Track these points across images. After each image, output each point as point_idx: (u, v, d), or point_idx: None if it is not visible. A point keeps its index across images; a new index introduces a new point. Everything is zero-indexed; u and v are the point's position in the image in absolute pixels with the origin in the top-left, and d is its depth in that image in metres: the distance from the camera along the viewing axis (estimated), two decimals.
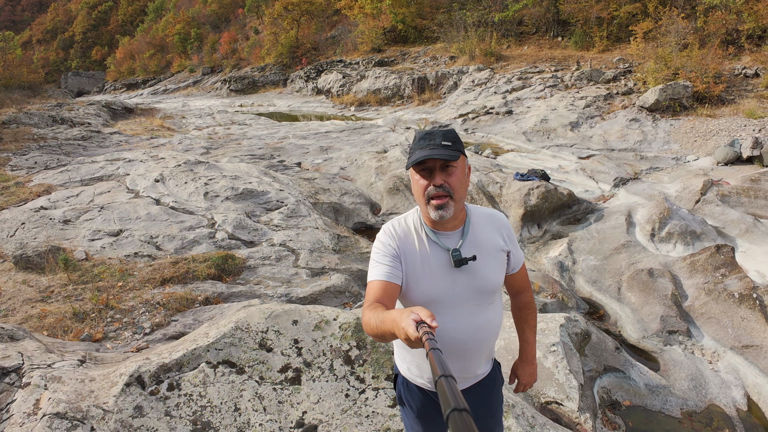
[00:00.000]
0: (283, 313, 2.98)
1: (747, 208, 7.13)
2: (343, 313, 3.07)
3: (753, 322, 4.68)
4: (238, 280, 5.49)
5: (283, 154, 11.90)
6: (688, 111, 11.84)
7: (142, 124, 15.83)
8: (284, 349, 2.75)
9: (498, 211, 1.71)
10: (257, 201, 7.33)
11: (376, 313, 1.29)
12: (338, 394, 2.58)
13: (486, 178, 8.99)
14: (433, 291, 1.54)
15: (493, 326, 1.65)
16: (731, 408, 4.19)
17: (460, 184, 1.49)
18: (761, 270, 5.90)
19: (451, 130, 1.50)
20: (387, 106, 20.69)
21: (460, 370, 1.64)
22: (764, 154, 8.49)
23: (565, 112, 14.26)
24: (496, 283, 1.61)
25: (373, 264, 1.55)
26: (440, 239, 1.56)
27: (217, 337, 2.68)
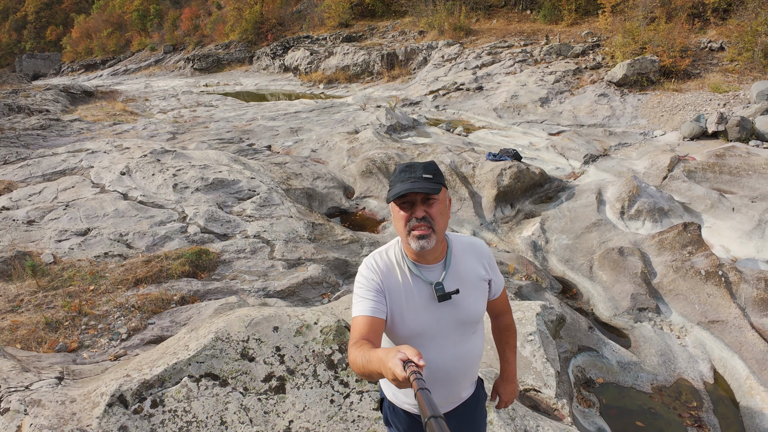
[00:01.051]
0: (263, 320, 2.95)
1: (712, 184, 7.36)
2: (323, 317, 3.06)
3: (718, 299, 4.89)
4: (213, 275, 5.40)
5: (252, 137, 11.64)
6: (655, 85, 12.06)
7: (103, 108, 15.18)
8: (266, 357, 2.73)
9: (478, 240, 1.71)
10: (228, 191, 7.18)
11: (362, 352, 1.28)
12: (323, 400, 2.59)
13: (459, 159, 9.01)
14: (418, 325, 1.54)
15: (477, 353, 1.68)
16: (698, 381, 4.41)
17: (441, 216, 1.49)
18: (725, 245, 6.15)
19: (431, 163, 1.49)
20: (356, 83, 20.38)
21: (446, 396, 1.67)
22: (729, 129, 8.74)
23: (534, 88, 14.33)
24: (479, 313, 1.62)
25: (357, 299, 1.53)
26: (423, 273, 1.55)
27: (197, 350, 2.64)
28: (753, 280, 4.89)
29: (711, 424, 3.94)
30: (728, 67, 11.82)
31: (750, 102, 9.82)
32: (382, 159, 9.12)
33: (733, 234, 6.30)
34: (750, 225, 6.30)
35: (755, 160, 7.58)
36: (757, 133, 8.60)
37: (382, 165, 9.04)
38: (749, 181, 7.23)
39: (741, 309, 4.73)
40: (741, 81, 10.89)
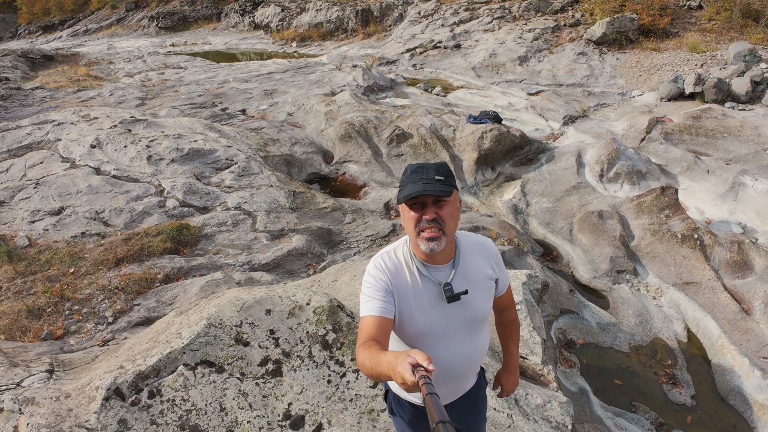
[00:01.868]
0: (255, 303, 2.94)
1: (688, 146, 7.49)
2: (315, 297, 3.06)
3: (693, 261, 5.07)
4: (196, 251, 5.33)
5: (225, 101, 11.26)
6: (634, 44, 12.01)
7: (65, 74, 14.35)
8: (261, 341, 2.74)
9: (487, 239, 1.71)
10: (205, 161, 6.99)
11: (371, 354, 1.28)
12: (320, 381, 2.62)
13: (439, 122, 8.93)
14: (427, 325, 1.55)
15: (482, 350, 1.71)
16: (673, 340, 4.63)
17: (451, 218, 1.48)
18: (700, 206, 6.33)
19: (443, 164, 1.48)
20: (330, 41, 19.74)
21: (452, 390, 1.72)
22: (706, 90, 8.82)
23: (513, 46, 14.13)
24: (486, 312, 1.63)
25: (365, 299, 1.52)
26: (431, 273, 1.55)
27: (191, 338, 2.62)
28: (726, 243, 5.07)
29: (684, 381, 4.17)
30: (706, 26, 11.82)
31: (727, 63, 9.90)
32: (360, 122, 8.97)
33: (708, 196, 6.48)
34: (724, 187, 6.48)
35: (731, 123, 7.72)
36: (733, 95, 8.72)
37: (361, 128, 8.90)
38: (724, 144, 7.38)
39: (715, 271, 4.92)
40: (719, 41, 10.93)
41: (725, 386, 4.06)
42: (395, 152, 8.53)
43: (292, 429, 2.40)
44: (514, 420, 2.64)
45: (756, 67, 9.04)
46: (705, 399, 4.04)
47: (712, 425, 3.81)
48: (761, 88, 8.65)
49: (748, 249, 5.00)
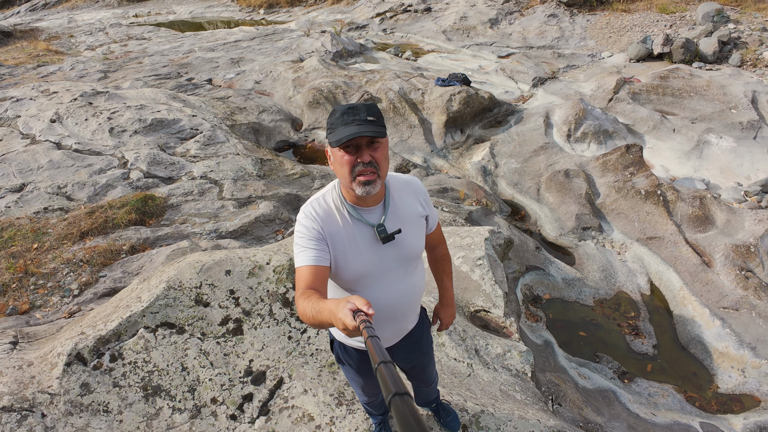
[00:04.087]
0: (214, 264, 2.91)
1: (655, 105, 7.57)
2: (275, 256, 3.05)
3: (657, 216, 5.19)
4: (162, 221, 5.24)
5: (191, 71, 10.92)
6: (605, 6, 11.96)
7: (25, 49, 13.66)
8: (221, 301, 2.73)
9: (413, 177, 1.72)
10: (170, 131, 6.80)
11: (311, 303, 1.29)
12: (281, 337, 2.64)
13: (407, 85, 8.83)
14: (363, 267, 1.54)
15: (419, 287, 1.73)
16: (636, 294, 4.77)
17: (385, 160, 1.46)
18: (665, 164, 6.44)
19: (373, 105, 1.43)
20: (299, 7, 19.17)
21: (394, 331, 1.74)
22: (674, 50, 8.86)
23: (484, 8, 13.94)
24: (419, 249, 1.65)
25: (299, 249, 1.51)
26: (363, 215, 1.54)
27: (150, 301, 2.59)
28: (689, 199, 5.20)
29: (647, 332, 4.32)
30: None
31: (695, 24, 9.94)
32: (329, 88, 8.83)
33: (673, 154, 6.60)
34: (689, 145, 6.60)
35: (697, 82, 7.80)
36: (701, 55, 8.79)
37: (329, 95, 8.77)
38: (690, 103, 7.48)
39: (677, 226, 5.05)
40: (688, 2, 10.95)
41: (686, 336, 4.22)
42: None
43: (253, 384, 2.42)
44: (474, 369, 2.71)
45: (723, 27, 9.11)
46: (666, 348, 4.20)
47: (673, 372, 3.97)
48: (728, 48, 8.74)
49: (709, 204, 5.13)
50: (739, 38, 8.73)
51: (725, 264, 4.60)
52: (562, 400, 3.04)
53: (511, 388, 2.61)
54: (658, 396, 3.72)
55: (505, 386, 2.60)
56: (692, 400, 3.74)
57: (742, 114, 7.02)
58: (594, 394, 3.58)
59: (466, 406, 2.21)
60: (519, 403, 2.45)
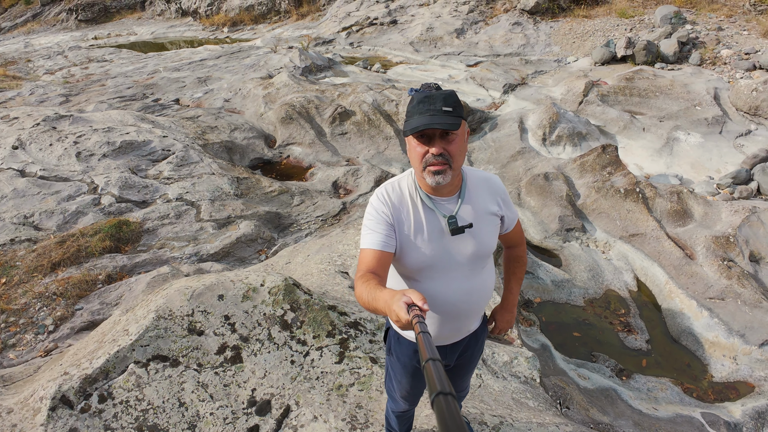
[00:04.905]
0: (205, 289, 2.77)
1: (624, 106, 7.76)
2: (269, 277, 2.93)
3: (637, 213, 5.27)
4: (138, 247, 5.02)
5: (157, 92, 10.65)
6: (566, 12, 12.29)
7: None
8: (216, 328, 2.59)
9: (494, 175, 1.65)
10: (140, 153, 6.58)
11: (368, 288, 1.29)
12: (283, 362, 2.51)
13: (381, 97, 8.84)
14: (428, 257, 1.50)
15: (487, 288, 1.65)
16: (624, 291, 4.81)
17: (459, 152, 1.42)
18: (639, 163, 6.58)
19: (451, 94, 1.38)
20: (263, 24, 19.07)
21: (453, 330, 1.65)
22: (636, 53, 9.15)
23: (449, 19, 14.15)
24: (489, 248, 1.58)
25: (366, 231, 1.50)
26: (436, 205, 1.50)
27: (139, 333, 2.43)
28: (666, 194, 5.30)
29: (639, 328, 4.35)
30: None
31: (655, 26, 10.31)
32: (301, 103, 8.74)
33: (645, 152, 6.75)
34: (659, 143, 6.77)
35: (661, 82, 8.05)
36: (662, 56, 9.10)
37: (302, 110, 8.68)
38: (657, 102, 7.70)
39: (657, 221, 5.14)
40: (645, 6, 11.35)
41: (676, 328, 4.26)
42: (339, 131, 8.39)
43: (258, 415, 2.28)
44: (483, 379, 2.64)
45: (682, 28, 9.46)
46: (659, 342, 4.23)
47: (668, 365, 4.00)
48: (687, 48, 9.07)
49: (686, 198, 5.25)
50: (697, 38, 9.09)
51: (707, 255, 4.69)
52: (569, 403, 3.00)
53: (522, 395, 2.55)
54: (657, 390, 3.73)
55: (517, 394, 2.54)
56: (689, 391, 3.76)
57: (706, 110, 7.26)
58: (596, 393, 3.56)
59: (484, 419, 2.13)
60: (533, 410, 2.39)
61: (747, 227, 4.74)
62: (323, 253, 4.45)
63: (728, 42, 8.78)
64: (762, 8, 9.32)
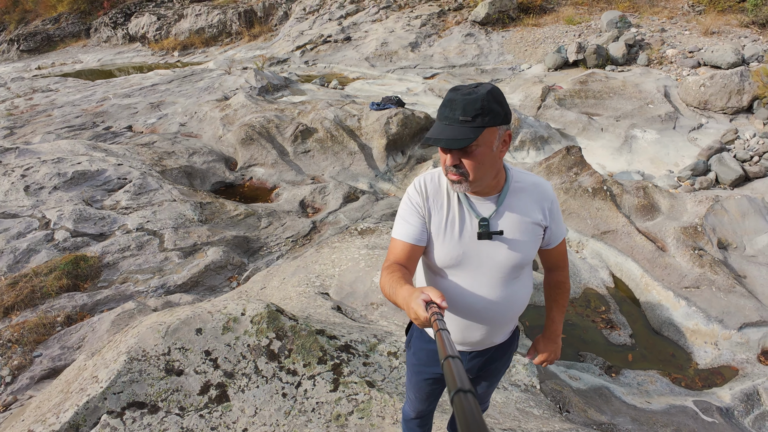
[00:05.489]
0: (181, 324, 2.57)
1: (581, 108, 7.97)
2: (249, 305, 2.75)
3: (606, 211, 5.35)
4: (99, 283, 4.71)
5: (107, 119, 10.22)
6: (516, 22, 12.63)
7: None
8: (197, 366, 2.39)
9: (545, 181, 1.50)
10: (94, 183, 6.23)
11: (391, 281, 1.27)
12: (274, 396, 2.34)
13: (342, 113, 8.77)
14: (454, 257, 1.42)
15: (518, 300, 1.53)
16: (602, 288, 4.84)
17: (479, 165, 1.30)
18: (601, 162, 6.73)
19: (475, 99, 1.24)
20: (215, 46, 18.76)
21: (475, 337, 1.54)
22: (587, 57, 9.46)
23: (403, 33, 14.31)
24: (524, 258, 1.44)
25: (399, 220, 1.46)
26: (472, 204, 1.42)
27: (111, 379, 2.21)
28: (633, 190, 5.41)
29: (621, 323, 4.37)
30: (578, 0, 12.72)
31: (602, 31, 10.71)
32: (261, 123, 8.57)
33: (606, 152, 6.92)
34: (618, 141, 6.96)
35: (614, 83, 8.32)
36: (612, 59, 9.44)
37: (262, 129, 8.50)
38: (611, 102, 7.94)
39: (627, 217, 5.23)
40: (591, 12, 11.81)
41: (657, 320, 4.30)
42: (302, 149, 8.26)
43: None
44: None
45: (627, 31, 9.87)
46: (642, 336, 4.26)
47: (653, 358, 4.02)
48: (635, 50, 9.46)
49: (652, 192, 5.37)
50: (642, 40, 9.49)
51: (678, 246, 4.79)
52: (569, 407, 2.94)
53: (526, 404, 2.47)
54: (647, 383, 3.74)
55: (521, 404, 2.45)
56: (678, 381, 3.79)
57: (658, 107, 7.53)
58: (590, 393, 3.52)
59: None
60: (540, 418, 2.31)
61: (712, 216, 4.88)
62: (300, 275, 4.28)
63: (672, 42, 9.21)
64: (700, 8, 9.85)
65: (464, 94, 1.26)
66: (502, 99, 1.29)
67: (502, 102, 1.28)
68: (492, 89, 1.26)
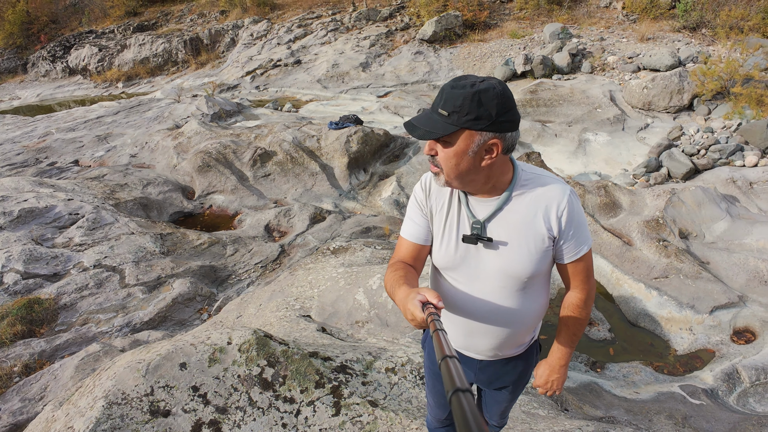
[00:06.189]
0: (162, 360, 2.39)
1: (533, 117, 8.23)
2: (235, 332, 2.61)
3: None
4: (57, 327, 4.38)
5: (51, 155, 9.69)
6: (463, 38, 13.01)
7: None
8: (185, 404, 2.22)
9: (559, 186, 1.29)
10: (43, 221, 5.85)
11: (392, 280, 1.27)
12: (274, 428, 2.20)
13: (300, 134, 8.69)
14: (451, 259, 1.36)
15: (525, 314, 1.39)
16: None
17: (451, 165, 1.20)
18: (558, 166, 6.94)
19: (458, 95, 1.13)
20: (161, 76, 18.31)
21: (476, 346, 1.47)
22: (534, 67, 9.83)
23: (353, 54, 14.45)
24: (524, 270, 1.30)
25: (406, 218, 1.44)
26: (471, 204, 1.32)
27: (89, 428, 2.01)
28: (594, 189, 5.59)
29: (598, 319, 4.45)
30: (519, 15, 13.30)
31: (545, 43, 11.19)
32: (217, 149, 8.35)
33: (562, 156, 7.15)
34: (573, 146, 7.21)
35: (562, 91, 8.66)
36: (558, 68, 9.85)
37: (219, 156, 8.29)
38: (562, 109, 8.25)
39: (591, 216, 5.38)
40: (533, 26, 12.33)
41: (632, 312, 4.41)
42: (262, 173, 8.10)
43: None
44: None
45: (569, 42, 10.34)
46: (620, 329, 4.35)
47: (633, 349, 4.11)
48: (578, 58, 9.91)
49: (612, 190, 5.56)
50: (584, 49, 9.97)
51: (643, 240, 4.96)
52: (567, 405, 2.93)
53: (530, 406, 2.43)
54: (632, 375, 3.80)
55: (525, 406, 2.42)
56: (660, 368, 3.88)
57: (606, 111, 7.88)
58: (581, 390, 3.54)
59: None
60: (547, 419, 2.28)
61: (671, 208, 5.10)
62: (277, 300, 4.13)
63: (612, 49, 9.72)
64: (634, 17, 10.49)
65: (455, 86, 1.15)
66: (496, 103, 1.13)
67: (493, 106, 1.13)
68: (487, 89, 1.12)
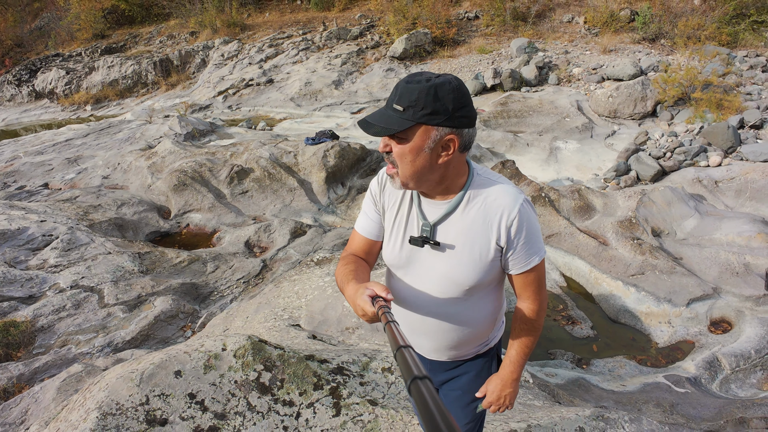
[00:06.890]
0: (156, 368, 2.36)
1: (505, 128, 8.46)
2: (230, 339, 2.60)
3: (548, 216, 5.65)
4: (34, 350, 4.25)
5: (20, 179, 9.43)
6: (432, 55, 13.33)
7: None
8: (182, 412, 2.19)
9: (512, 195, 1.24)
10: (16, 243, 5.67)
11: (343, 273, 1.27)
12: (275, 431, 2.19)
13: (277, 150, 8.71)
14: (398, 258, 1.35)
15: (466, 322, 1.37)
16: (556, 288, 5.06)
17: (406, 163, 1.15)
18: (532, 174, 7.14)
19: (413, 90, 1.08)
20: (131, 98, 18.07)
21: (425, 348, 1.48)
22: (504, 81, 10.14)
23: (325, 73, 14.60)
24: (468, 278, 1.27)
25: (361, 212, 1.44)
26: (423, 205, 1.29)
27: None
28: (568, 194, 5.77)
29: (580, 318, 4.57)
30: (486, 31, 13.73)
31: (513, 57, 11.57)
32: (193, 168, 8.29)
33: (535, 164, 7.37)
34: (545, 154, 7.44)
35: (531, 102, 8.96)
36: (526, 81, 10.19)
37: (195, 174, 8.22)
38: (532, 120, 8.51)
39: (567, 219, 5.55)
40: (499, 41, 12.75)
41: (612, 309, 4.55)
42: (239, 190, 8.06)
43: None
44: None
45: (536, 56, 10.72)
46: (602, 326, 4.47)
47: (616, 344, 4.22)
48: (545, 71, 10.28)
49: (586, 194, 5.76)
50: (551, 62, 10.35)
51: (618, 239, 5.14)
52: (558, 398, 3.00)
53: (526, 398, 2.49)
54: (617, 369, 3.91)
55: (520, 398, 2.47)
56: (643, 361, 4.00)
57: (575, 120, 8.17)
58: (569, 386, 3.62)
59: (510, 426, 2.02)
60: (544, 408, 2.33)
61: (643, 208, 5.30)
62: (264, 311, 4.10)
63: (576, 62, 10.13)
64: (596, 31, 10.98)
65: (410, 81, 1.10)
66: (453, 97, 1.10)
67: (449, 100, 1.09)
68: (443, 83, 1.08)
